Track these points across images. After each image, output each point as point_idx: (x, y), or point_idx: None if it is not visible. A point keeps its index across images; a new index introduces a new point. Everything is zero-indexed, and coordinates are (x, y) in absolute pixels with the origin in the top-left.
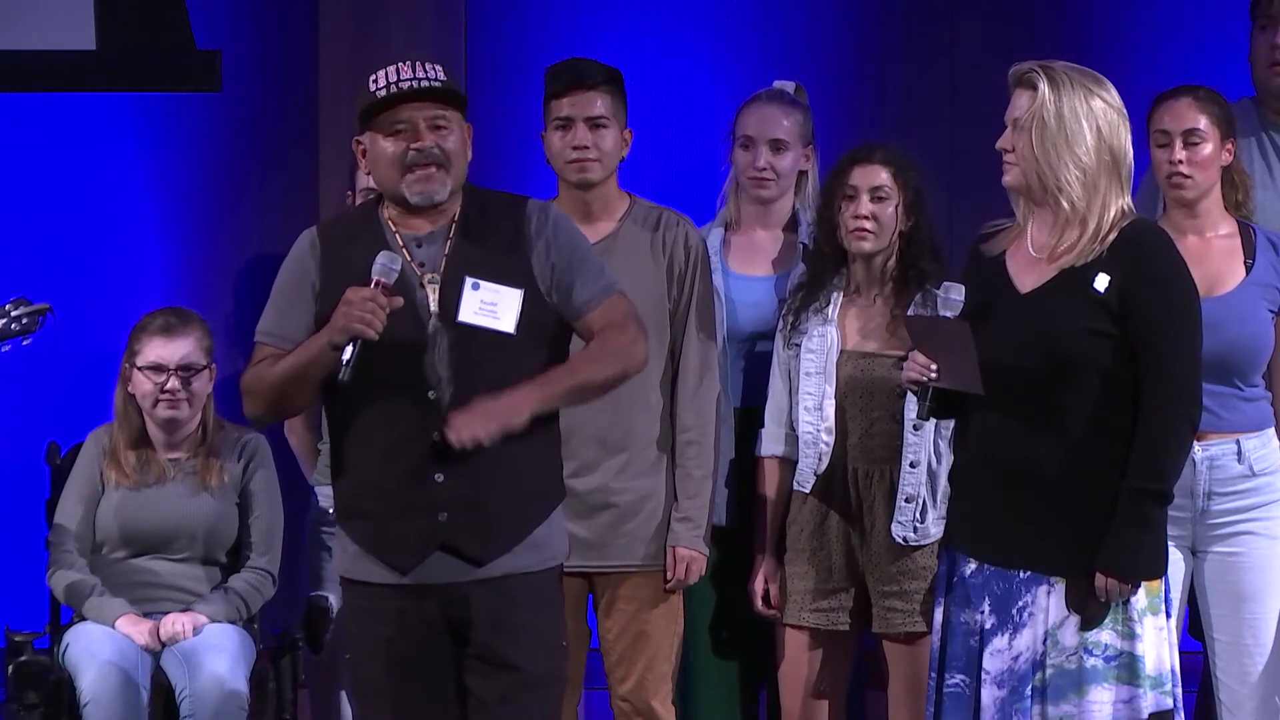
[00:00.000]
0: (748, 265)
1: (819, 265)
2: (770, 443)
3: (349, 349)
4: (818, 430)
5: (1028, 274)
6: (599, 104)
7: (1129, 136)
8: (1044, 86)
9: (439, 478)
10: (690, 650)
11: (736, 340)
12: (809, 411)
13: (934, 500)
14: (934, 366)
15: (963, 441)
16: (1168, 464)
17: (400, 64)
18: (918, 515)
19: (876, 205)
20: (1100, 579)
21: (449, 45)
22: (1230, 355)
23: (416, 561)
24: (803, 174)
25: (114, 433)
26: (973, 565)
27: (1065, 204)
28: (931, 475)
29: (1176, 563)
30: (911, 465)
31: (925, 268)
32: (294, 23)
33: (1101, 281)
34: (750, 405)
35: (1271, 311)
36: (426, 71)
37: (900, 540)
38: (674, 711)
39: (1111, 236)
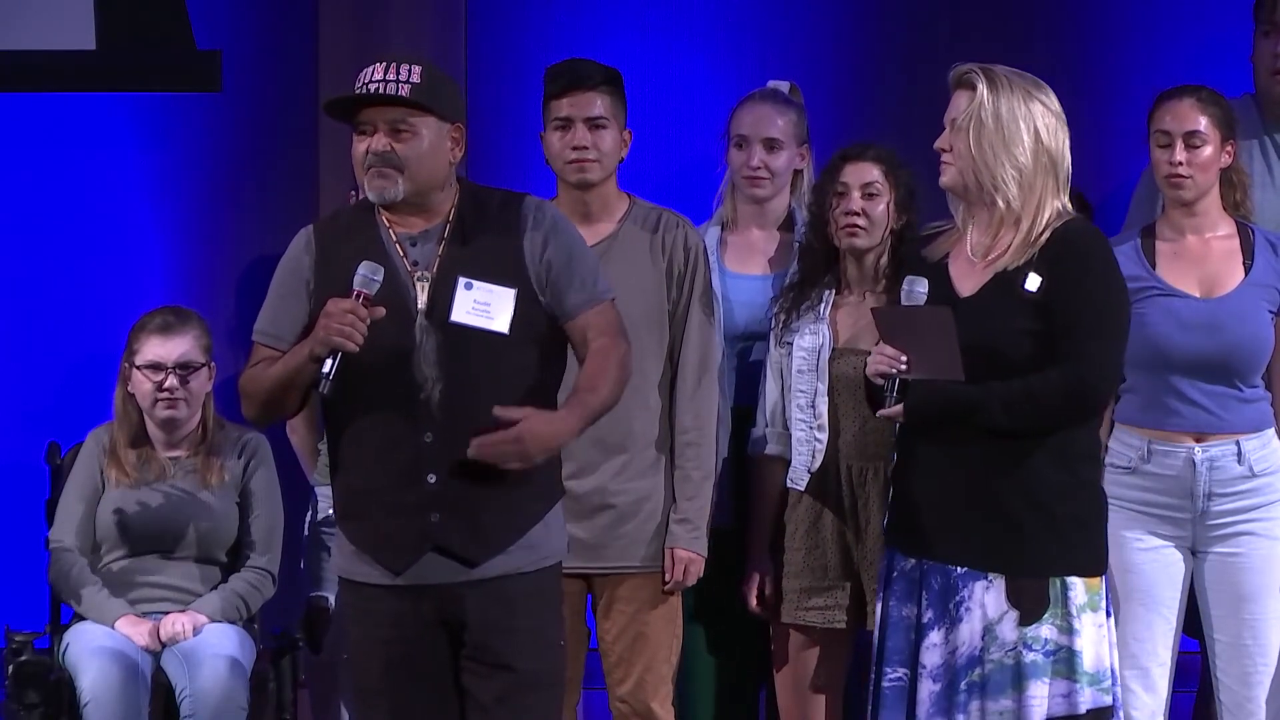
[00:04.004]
0: (744, 265)
1: (810, 263)
2: (764, 441)
3: (328, 362)
4: (811, 428)
5: (967, 278)
6: (598, 104)
7: (1067, 140)
8: (983, 88)
9: (431, 479)
10: (689, 651)
11: (733, 340)
12: (801, 410)
13: None
14: (903, 358)
15: (904, 440)
16: (1029, 408)
17: (379, 64)
18: None
19: (867, 202)
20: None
21: (449, 45)
22: (1230, 356)
23: (409, 562)
24: (798, 173)
25: (114, 432)
26: (911, 560)
27: (1001, 203)
28: None
29: (1176, 563)
30: None
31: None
32: (294, 23)
33: (1033, 281)
34: (748, 405)
35: (1271, 312)
36: (399, 74)
37: None
38: (673, 713)
39: (1045, 237)
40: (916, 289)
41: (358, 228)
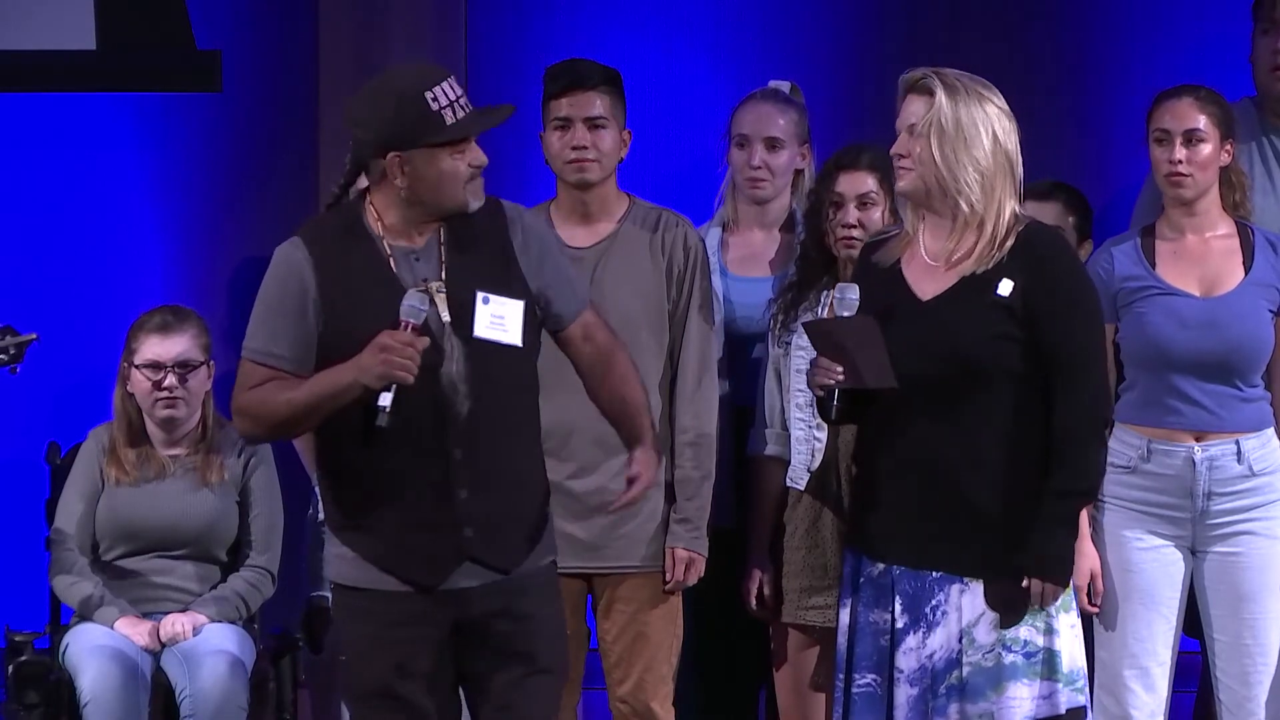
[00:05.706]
0: (745, 266)
1: (807, 269)
2: (763, 441)
3: (386, 395)
4: (810, 427)
5: (926, 281)
6: (598, 104)
7: (1018, 141)
8: (940, 92)
9: (463, 494)
10: (688, 651)
11: (734, 340)
12: (800, 409)
13: None
14: (839, 368)
15: (867, 446)
16: (1089, 464)
17: (445, 83)
18: None
19: (863, 212)
20: (1036, 584)
21: (449, 45)
22: (1230, 355)
23: (443, 578)
24: (799, 173)
25: (114, 431)
26: (880, 565)
27: (964, 205)
28: None
29: (1176, 563)
30: None
31: None
32: (294, 23)
33: (1005, 287)
34: (749, 405)
35: (1271, 311)
36: (463, 90)
37: None
38: (673, 713)
39: (1010, 242)
40: (849, 295)
41: (352, 239)
